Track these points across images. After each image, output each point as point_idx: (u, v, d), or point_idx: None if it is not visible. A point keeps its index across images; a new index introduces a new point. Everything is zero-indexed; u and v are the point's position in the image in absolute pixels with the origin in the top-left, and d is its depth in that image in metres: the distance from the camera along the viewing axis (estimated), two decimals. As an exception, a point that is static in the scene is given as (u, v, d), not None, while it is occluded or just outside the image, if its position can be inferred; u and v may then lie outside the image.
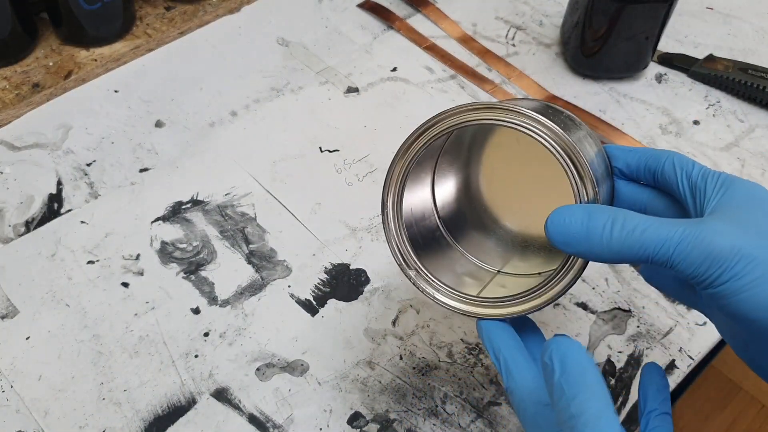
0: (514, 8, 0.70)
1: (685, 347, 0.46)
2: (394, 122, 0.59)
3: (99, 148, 0.56)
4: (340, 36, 0.66)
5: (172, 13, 0.68)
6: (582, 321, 0.48)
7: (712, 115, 0.61)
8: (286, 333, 0.46)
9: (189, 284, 0.48)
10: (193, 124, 0.58)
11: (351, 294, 0.49)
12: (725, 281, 0.28)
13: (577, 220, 0.30)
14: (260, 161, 0.56)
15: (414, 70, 0.64)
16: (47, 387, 0.43)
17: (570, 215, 0.30)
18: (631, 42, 0.59)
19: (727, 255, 0.28)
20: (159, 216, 0.52)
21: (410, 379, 0.45)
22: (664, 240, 0.29)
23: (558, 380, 0.27)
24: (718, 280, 0.28)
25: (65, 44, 0.65)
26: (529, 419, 0.31)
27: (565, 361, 0.27)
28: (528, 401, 0.31)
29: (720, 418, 1.21)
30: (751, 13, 0.70)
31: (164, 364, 0.45)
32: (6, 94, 0.60)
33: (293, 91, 0.61)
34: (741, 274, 0.28)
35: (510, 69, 0.64)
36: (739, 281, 0.28)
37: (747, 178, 0.55)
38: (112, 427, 0.42)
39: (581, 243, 0.30)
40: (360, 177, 0.55)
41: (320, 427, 0.42)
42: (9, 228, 0.51)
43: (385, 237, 0.38)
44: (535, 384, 0.32)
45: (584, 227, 0.30)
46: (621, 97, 0.62)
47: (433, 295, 0.36)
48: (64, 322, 0.46)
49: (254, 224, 0.52)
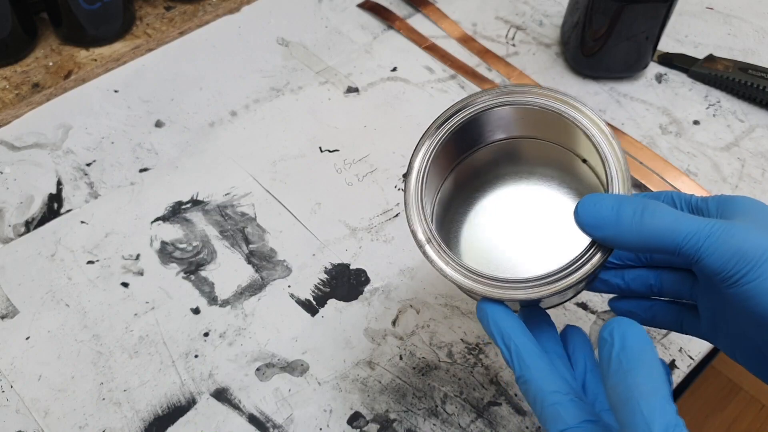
0: (514, 8, 0.70)
1: (685, 347, 0.46)
2: (394, 122, 0.59)
3: (99, 148, 0.56)
4: (340, 36, 0.66)
5: (172, 13, 0.68)
6: (582, 321, 0.48)
7: (712, 115, 0.61)
8: (286, 333, 0.46)
9: (189, 284, 0.48)
10: (192, 124, 0.58)
11: (351, 294, 0.49)
12: (753, 279, 0.28)
13: (608, 206, 0.30)
14: (260, 161, 0.56)
15: (414, 70, 0.64)
16: (47, 387, 0.43)
17: (601, 200, 0.31)
18: (631, 42, 0.59)
19: (756, 253, 0.28)
20: (159, 216, 0.52)
21: (410, 379, 0.45)
22: (695, 231, 0.29)
23: (617, 354, 0.27)
24: (745, 277, 0.28)
25: (65, 44, 0.65)
26: (548, 410, 0.30)
27: (626, 336, 0.27)
28: (547, 390, 0.30)
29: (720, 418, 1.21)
30: (751, 13, 0.70)
31: (164, 364, 0.45)
32: (6, 94, 0.60)
33: (293, 91, 0.61)
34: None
35: (510, 69, 0.64)
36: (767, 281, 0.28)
37: (747, 178, 0.56)
38: (112, 427, 0.42)
39: (610, 227, 0.30)
40: (360, 177, 0.55)
41: (320, 427, 0.42)
42: (9, 228, 0.51)
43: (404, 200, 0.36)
44: (552, 373, 0.30)
45: (614, 212, 0.30)
46: (621, 97, 0.62)
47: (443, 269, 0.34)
48: (64, 322, 0.46)
49: (254, 224, 0.52)
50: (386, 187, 0.54)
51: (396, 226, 0.52)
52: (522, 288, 0.32)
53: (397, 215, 0.53)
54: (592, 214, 0.31)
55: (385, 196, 0.54)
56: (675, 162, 0.57)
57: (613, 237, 0.30)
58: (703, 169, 0.56)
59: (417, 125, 0.59)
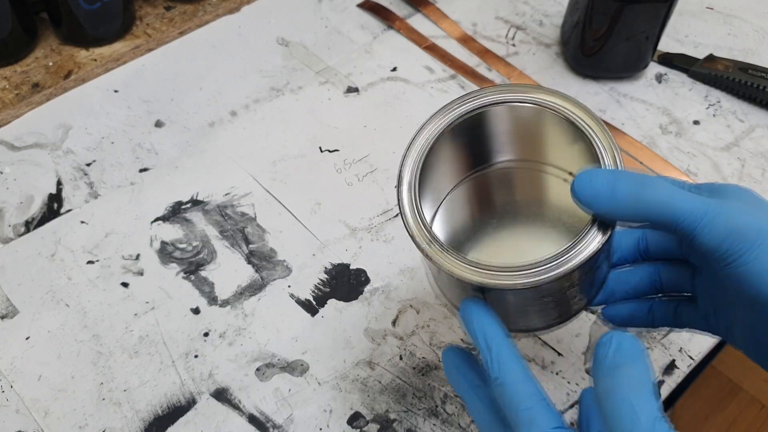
0: (514, 8, 0.70)
1: (685, 347, 0.46)
2: (394, 122, 0.59)
3: (99, 148, 0.56)
4: (340, 36, 0.66)
5: (171, 13, 0.68)
6: (582, 321, 0.48)
7: (712, 115, 0.61)
8: (286, 333, 0.46)
9: (189, 284, 0.48)
10: (192, 124, 0.58)
11: (351, 294, 0.49)
12: (749, 261, 0.28)
13: (604, 181, 0.30)
14: (260, 161, 0.56)
15: (414, 70, 0.64)
16: (47, 387, 0.43)
17: (597, 175, 0.31)
18: (631, 42, 0.59)
19: (752, 233, 0.28)
20: (159, 216, 0.52)
21: (410, 379, 0.45)
22: (692, 208, 0.29)
23: (612, 353, 0.28)
24: (742, 258, 0.29)
25: (65, 44, 0.65)
26: (523, 414, 0.29)
27: (622, 340, 0.28)
28: (522, 394, 0.30)
29: (720, 418, 1.21)
30: (751, 13, 0.70)
31: (164, 364, 0.45)
32: (6, 94, 0.60)
33: (293, 91, 0.61)
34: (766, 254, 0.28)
35: (510, 69, 0.64)
36: (763, 261, 0.28)
37: (747, 178, 0.56)
38: (112, 427, 0.42)
39: (607, 200, 0.30)
40: (360, 177, 0.55)
41: (320, 427, 0.42)
42: (9, 228, 0.51)
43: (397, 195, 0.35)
44: (529, 379, 0.30)
45: (611, 185, 0.30)
46: (621, 97, 0.62)
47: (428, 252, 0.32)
48: (64, 322, 0.46)
49: (254, 224, 0.52)
50: (386, 187, 0.54)
51: (396, 226, 0.52)
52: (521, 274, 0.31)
53: (397, 215, 0.53)
54: (589, 188, 0.30)
55: (385, 196, 0.54)
56: (675, 162, 0.57)
57: (611, 210, 0.30)
58: (703, 169, 0.56)
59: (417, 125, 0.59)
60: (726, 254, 0.29)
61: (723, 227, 0.29)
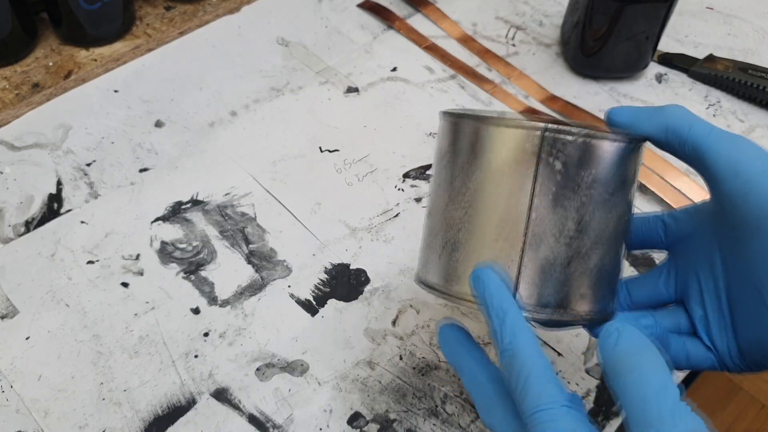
0: (514, 8, 0.70)
1: (685, 347, 0.46)
2: (394, 122, 0.59)
3: (99, 148, 0.56)
4: (340, 36, 0.66)
5: (172, 13, 0.68)
6: (582, 321, 0.48)
7: (712, 115, 0.61)
8: (286, 333, 0.46)
9: (189, 284, 0.48)
10: (192, 124, 0.58)
11: (351, 294, 0.49)
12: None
13: (629, 108, 0.36)
14: (260, 161, 0.56)
15: (414, 70, 0.64)
16: (47, 387, 0.43)
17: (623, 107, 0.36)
18: (631, 42, 0.59)
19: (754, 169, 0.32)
20: (159, 216, 0.52)
21: (410, 379, 0.45)
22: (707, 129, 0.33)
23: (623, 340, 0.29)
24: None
25: (65, 44, 0.65)
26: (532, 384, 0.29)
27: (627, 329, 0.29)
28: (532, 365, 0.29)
29: (720, 418, 1.21)
30: (751, 13, 0.70)
31: (164, 364, 0.45)
32: (6, 94, 0.60)
33: (293, 91, 0.61)
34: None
35: (510, 69, 0.64)
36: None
37: (747, 178, 0.56)
38: (112, 427, 0.42)
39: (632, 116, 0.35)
40: (360, 177, 0.55)
41: (320, 427, 0.42)
42: (9, 228, 0.51)
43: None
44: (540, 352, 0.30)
45: (635, 110, 0.35)
46: (621, 97, 0.62)
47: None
48: (64, 322, 0.46)
49: (254, 224, 0.52)
50: (386, 187, 0.55)
51: (396, 226, 0.52)
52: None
53: (397, 215, 0.53)
54: (618, 113, 0.35)
55: (385, 196, 0.54)
56: (675, 162, 0.57)
57: (635, 122, 0.35)
58: (703, 169, 0.56)
59: (417, 125, 0.59)
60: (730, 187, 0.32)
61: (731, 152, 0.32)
